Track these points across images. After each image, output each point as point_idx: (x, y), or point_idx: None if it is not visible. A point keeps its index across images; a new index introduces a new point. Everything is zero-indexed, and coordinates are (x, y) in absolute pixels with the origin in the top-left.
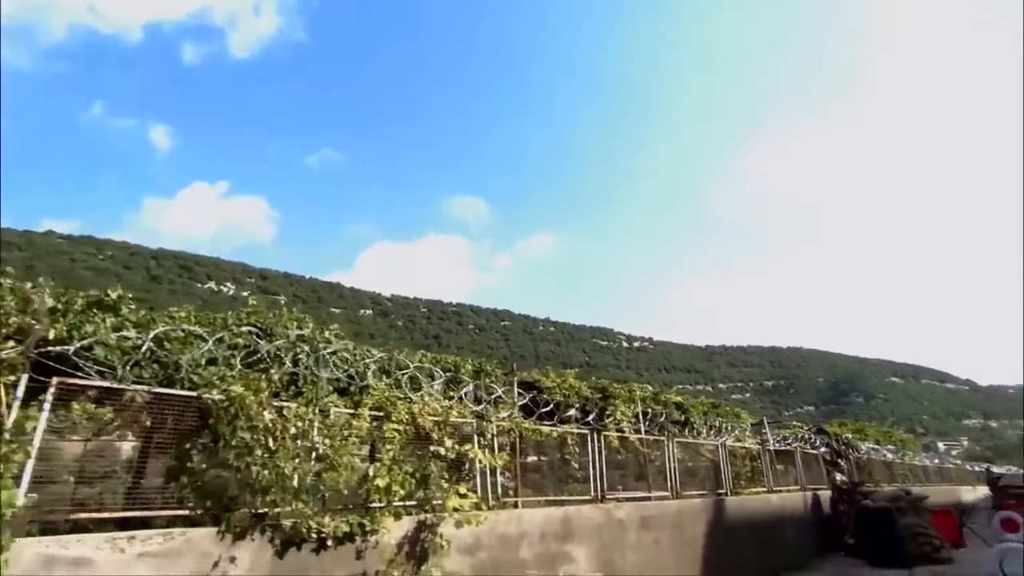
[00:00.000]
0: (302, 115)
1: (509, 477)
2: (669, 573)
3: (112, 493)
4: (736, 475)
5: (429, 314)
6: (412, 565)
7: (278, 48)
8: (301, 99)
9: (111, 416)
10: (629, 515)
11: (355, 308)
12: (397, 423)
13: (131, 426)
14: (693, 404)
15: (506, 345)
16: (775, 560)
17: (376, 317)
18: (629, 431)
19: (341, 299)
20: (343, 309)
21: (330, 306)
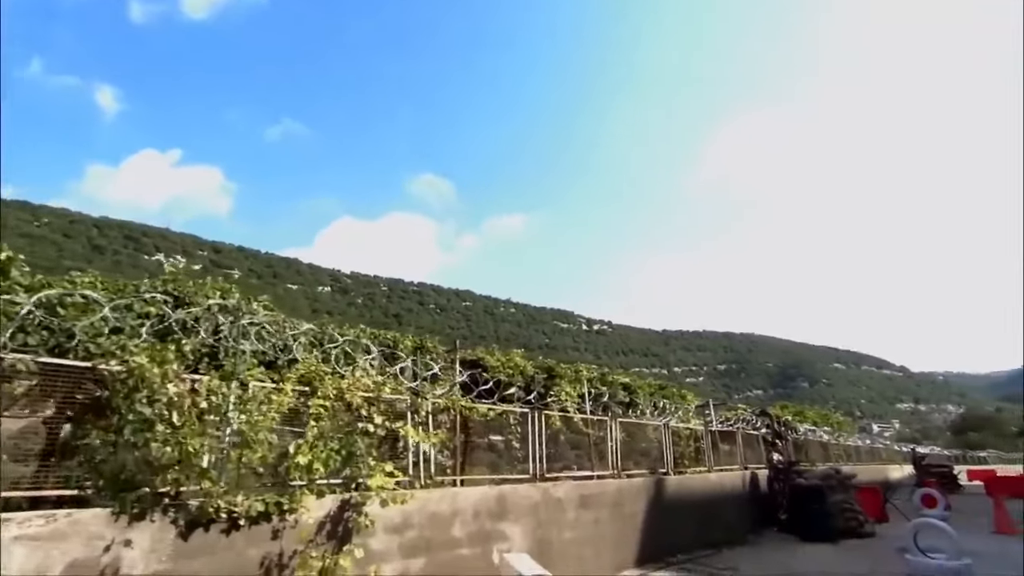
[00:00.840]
0: (262, 84)
1: (448, 456)
2: (607, 550)
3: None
4: (680, 455)
5: (390, 293)
6: (333, 544)
7: (236, 10)
8: (261, 67)
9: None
10: (568, 494)
11: (313, 285)
12: (323, 399)
13: (18, 400)
14: (640, 385)
15: (467, 326)
16: (713, 536)
17: (335, 294)
18: (573, 411)
19: (299, 275)
20: (301, 286)
21: (287, 282)
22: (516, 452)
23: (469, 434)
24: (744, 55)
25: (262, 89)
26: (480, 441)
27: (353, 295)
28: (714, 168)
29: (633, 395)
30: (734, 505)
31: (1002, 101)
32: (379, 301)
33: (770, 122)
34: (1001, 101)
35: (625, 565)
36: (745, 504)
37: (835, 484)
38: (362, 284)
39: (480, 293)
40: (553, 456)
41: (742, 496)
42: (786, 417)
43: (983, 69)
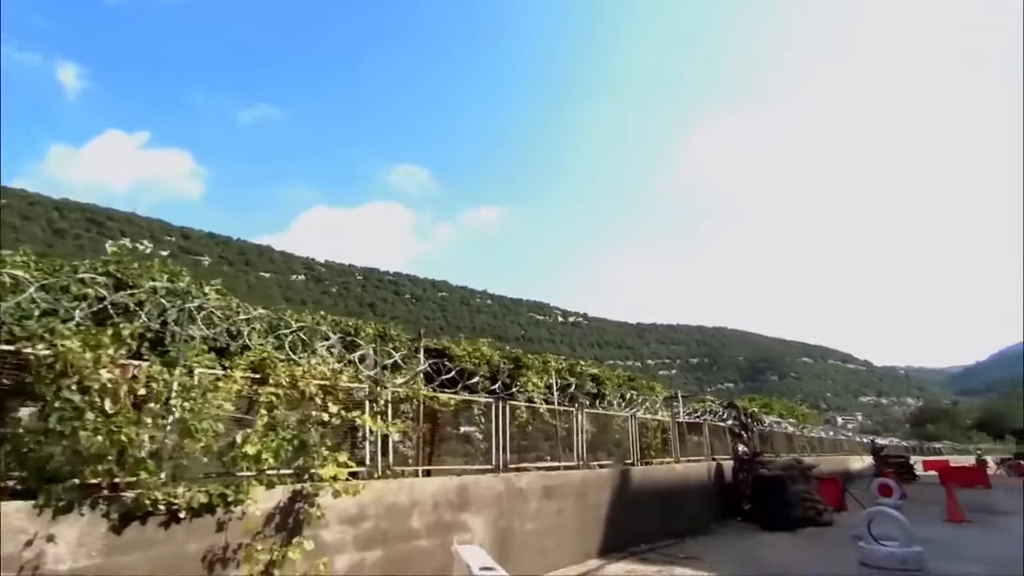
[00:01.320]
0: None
1: (411, 446)
2: (570, 540)
3: None
4: (647, 446)
5: (365, 282)
6: (283, 536)
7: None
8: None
9: None
10: (531, 484)
11: (287, 273)
12: (276, 387)
13: None
14: (609, 376)
15: (442, 316)
16: (677, 525)
17: (309, 283)
18: (540, 401)
19: (271, 263)
20: (273, 273)
21: (259, 270)
22: (480, 443)
23: (437, 424)
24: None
25: (235, 72)
26: (450, 432)
27: (327, 284)
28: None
29: (601, 386)
30: (699, 495)
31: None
32: (354, 290)
33: (744, 123)
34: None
35: (588, 555)
36: (710, 494)
37: (796, 474)
38: (337, 273)
39: (456, 284)
40: (519, 447)
41: (707, 486)
42: (752, 409)
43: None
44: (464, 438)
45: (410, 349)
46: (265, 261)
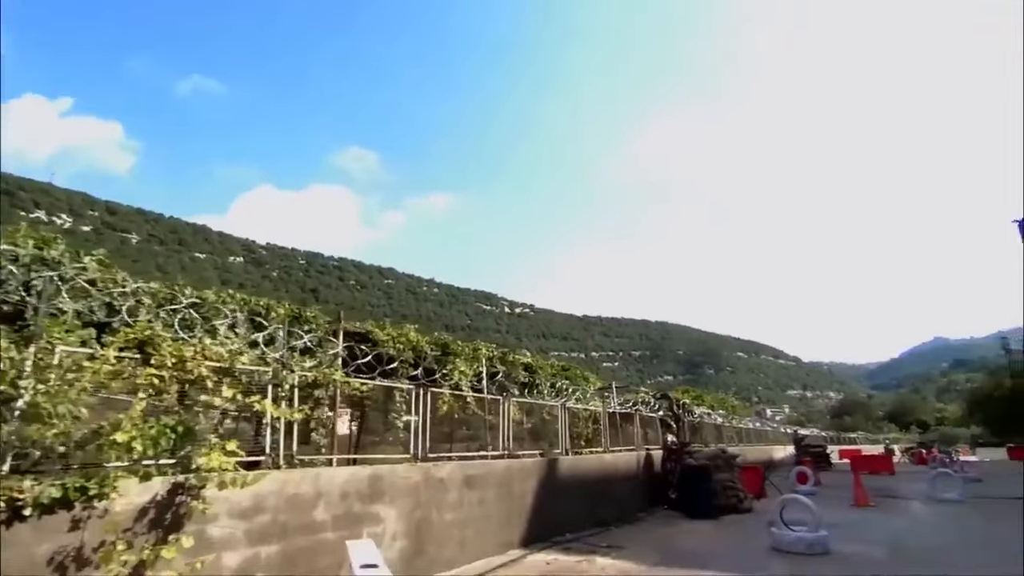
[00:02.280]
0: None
1: (324, 434)
2: (492, 530)
3: None
4: (578, 435)
5: (307, 267)
6: (158, 533)
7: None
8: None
9: None
10: (451, 474)
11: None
12: (159, 367)
13: None
14: (541, 366)
15: (388, 304)
16: (604, 514)
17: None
18: (468, 389)
19: (208, 244)
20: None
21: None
22: (400, 430)
23: (365, 413)
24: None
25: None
26: (379, 420)
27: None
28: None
29: (535, 376)
30: (628, 484)
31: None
32: (296, 275)
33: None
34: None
35: (511, 545)
36: (640, 483)
37: (720, 464)
38: (278, 256)
39: (403, 271)
40: (445, 435)
41: (636, 476)
42: (684, 401)
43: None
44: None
45: (328, 332)
46: (200, 241)
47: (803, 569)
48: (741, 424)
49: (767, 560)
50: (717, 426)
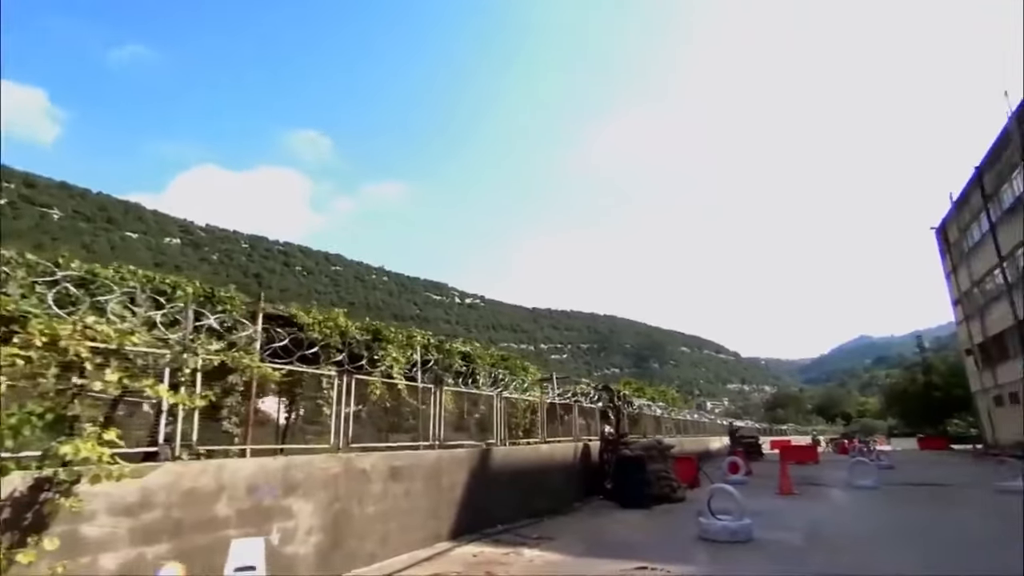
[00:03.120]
0: None
1: (236, 423)
2: (418, 523)
3: None
4: (516, 426)
5: (251, 251)
6: (14, 535)
7: None
8: None
9: None
10: (376, 465)
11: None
12: (25, 347)
13: None
14: (480, 355)
15: (335, 291)
16: (538, 505)
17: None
18: (400, 377)
19: (141, 223)
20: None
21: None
22: (326, 419)
23: (295, 400)
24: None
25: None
26: (317, 409)
27: (207, 250)
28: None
29: (473, 365)
30: (565, 475)
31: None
32: (238, 259)
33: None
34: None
35: (439, 537)
36: (576, 474)
37: (655, 454)
38: (219, 239)
39: (352, 259)
40: (375, 425)
41: (573, 466)
42: (625, 392)
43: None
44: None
45: (244, 313)
46: (133, 220)
47: (725, 557)
48: (680, 416)
49: (692, 549)
50: (656, 418)
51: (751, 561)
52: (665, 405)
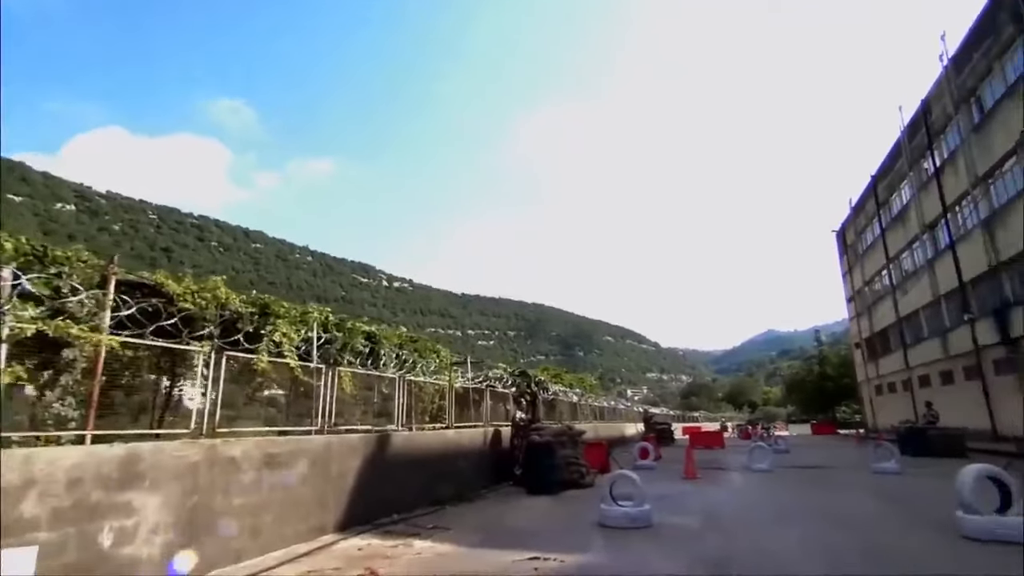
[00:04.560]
0: None
1: (72, 405)
2: (298, 514)
3: None
4: (422, 411)
5: (160, 223)
6: None
7: None
8: None
9: None
10: (248, 452)
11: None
12: None
13: None
14: (386, 335)
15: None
16: (442, 493)
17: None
18: (291, 357)
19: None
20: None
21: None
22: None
23: (176, 380)
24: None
25: None
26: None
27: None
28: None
29: (377, 345)
30: (473, 461)
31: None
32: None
33: (573, 114)
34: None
35: (324, 530)
36: (485, 460)
37: (565, 440)
38: (122, 208)
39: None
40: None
41: (483, 452)
42: (541, 378)
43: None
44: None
45: (90, 280)
46: (17, 182)
47: (621, 544)
48: (597, 403)
49: (591, 536)
50: (573, 404)
51: (645, 547)
52: (582, 392)
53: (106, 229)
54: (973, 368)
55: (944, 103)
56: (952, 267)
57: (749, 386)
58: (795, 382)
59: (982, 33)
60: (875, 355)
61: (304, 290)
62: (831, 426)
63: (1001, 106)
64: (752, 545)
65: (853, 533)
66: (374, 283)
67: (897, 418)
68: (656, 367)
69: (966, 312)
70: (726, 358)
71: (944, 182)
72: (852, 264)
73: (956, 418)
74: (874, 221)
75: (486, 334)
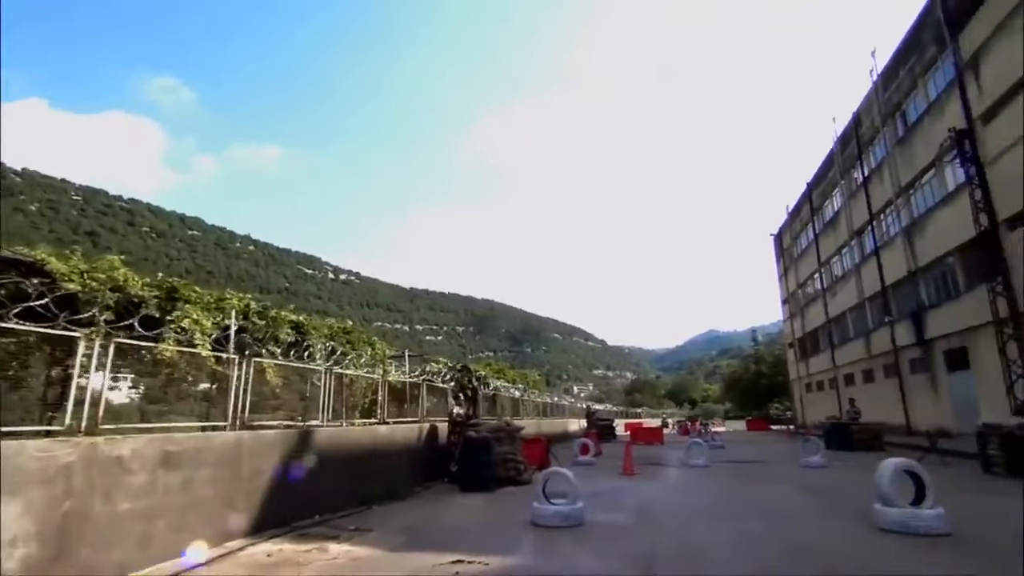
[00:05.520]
0: None
1: None
2: (201, 518)
3: None
4: (354, 405)
5: (85, 204)
6: None
7: None
8: None
9: None
10: (139, 451)
11: None
12: None
13: None
14: (316, 325)
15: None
16: (372, 491)
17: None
18: (206, 346)
19: None
20: None
21: None
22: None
23: (68, 371)
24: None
25: None
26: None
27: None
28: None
29: (306, 336)
30: (407, 458)
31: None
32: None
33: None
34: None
35: (232, 535)
36: (420, 457)
37: (503, 436)
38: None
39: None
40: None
41: (417, 449)
42: (482, 372)
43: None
44: None
45: None
46: None
47: (550, 544)
48: (541, 399)
49: (520, 536)
50: (516, 400)
51: (574, 547)
52: (524, 387)
53: (21, 209)
54: (892, 367)
55: (873, 116)
56: (876, 272)
57: (690, 384)
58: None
59: (908, 51)
60: (806, 354)
61: (245, 280)
62: (764, 422)
63: (923, 121)
64: (681, 541)
65: (778, 527)
66: (320, 275)
67: (824, 414)
68: (602, 364)
69: (887, 314)
70: (669, 356)
71: (871, 191)
72: (788, 267)
73: (877, 414)
74: (808, 227)
75: (434, 329)
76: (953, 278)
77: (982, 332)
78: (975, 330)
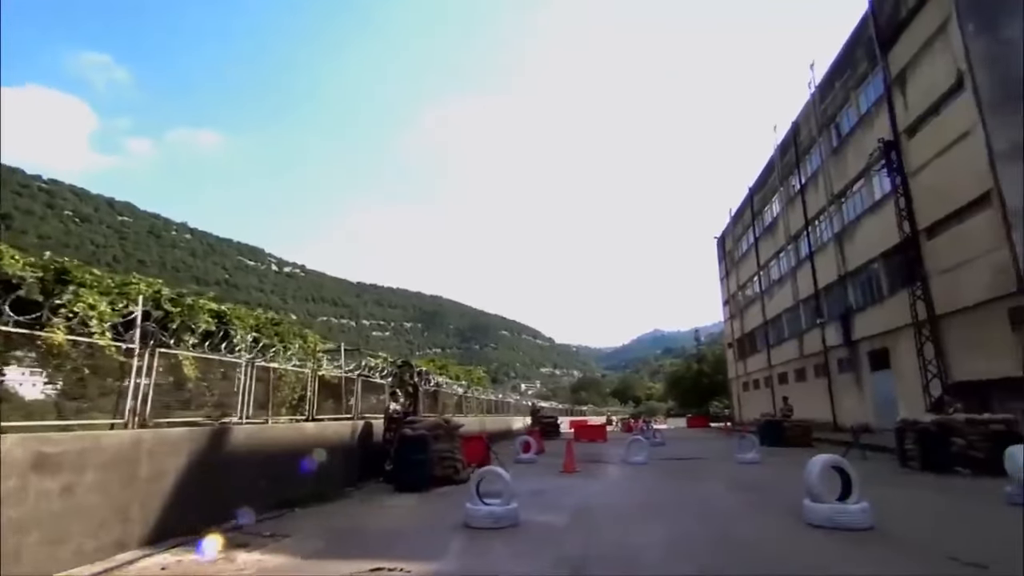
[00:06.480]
0: None
1: None
2: (86, 529)
3: None
4: (281, 401)
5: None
6: None
7: None
8: None
9: None
10: (10, 452)
11: None
12: None
13: None
14: (240, 315)
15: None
16: (296, 493)
17: None
18: (100, 334)
19: None
20: None
21: None
22: None
23: None
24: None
25: None
26: None
27: None
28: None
29: (227, 326)
30: (338, 457)
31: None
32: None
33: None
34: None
35: (125, 546)
36: (353, 456)
37: (441, 434)
38: None
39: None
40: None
41: (350, 447)
42: (423, 368)
43: None
44: None
45: None
46: None
47: (480, 548)
48: (486, 396)
49: (450, 538)
50: (459, 397)
51: (506, 549)
52: (468, 384)
53: None
54: (822, 367)
55: (810, 126)
56: (810, 275)
57: (635, 382)
58: (676, 379)
59: (843, 65)
60: (744, 354)
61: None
62: (704, 420)
63: (855, 133)
64: (616, 541)
65: (711, 524)
66: (262, 267)
67: (760, 412)
68: (550, 362)
69: (819, 316)
70: (615, 355)
71: (807, 198)
72: (729, 269)
73: (808, 411)
74: (749, 231)
75: (382, 325)
76: (878, 282)
77: (903, 334)
78: (896, 332)
